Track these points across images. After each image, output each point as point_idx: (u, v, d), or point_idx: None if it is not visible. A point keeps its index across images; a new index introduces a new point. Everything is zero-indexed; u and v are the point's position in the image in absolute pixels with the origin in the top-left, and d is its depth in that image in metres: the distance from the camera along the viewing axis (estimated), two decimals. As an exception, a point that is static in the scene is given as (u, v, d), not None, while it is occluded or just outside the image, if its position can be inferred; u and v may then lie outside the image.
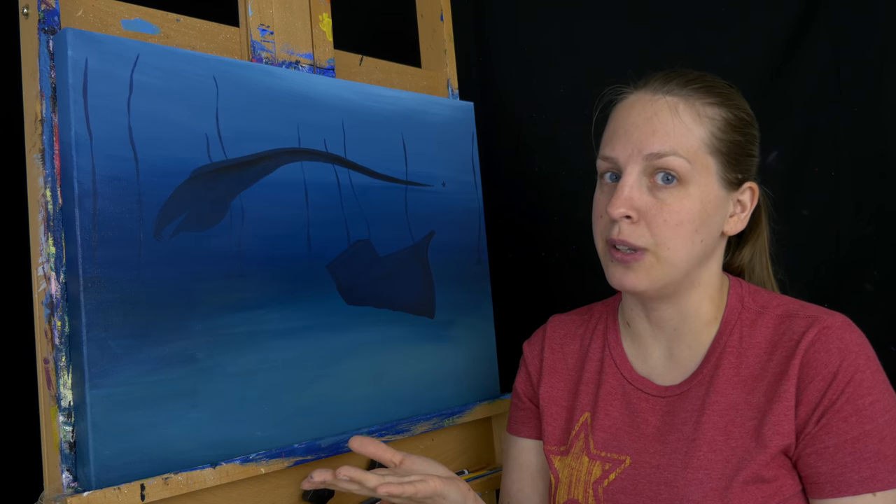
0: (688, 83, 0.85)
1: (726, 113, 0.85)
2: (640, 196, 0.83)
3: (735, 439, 0.81)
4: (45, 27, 0.87)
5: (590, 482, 0.88)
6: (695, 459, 0.82)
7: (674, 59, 1.35)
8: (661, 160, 0.82)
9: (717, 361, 0.86)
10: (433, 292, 1.22)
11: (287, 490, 1.01)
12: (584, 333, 1.00)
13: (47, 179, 0.86)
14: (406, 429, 1.13)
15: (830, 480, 0.78)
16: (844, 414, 0.78)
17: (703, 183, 0.83)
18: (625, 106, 0.87)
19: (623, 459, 0.87)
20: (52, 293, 0.86)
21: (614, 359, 0.94)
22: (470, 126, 1.32)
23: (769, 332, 0.85)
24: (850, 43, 1.25)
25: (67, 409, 0.85)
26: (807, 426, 0.79)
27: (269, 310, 1.01)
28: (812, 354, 0.80)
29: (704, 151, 0.83)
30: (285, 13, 1.10)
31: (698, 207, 0.83)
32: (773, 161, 1.30)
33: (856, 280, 1.24)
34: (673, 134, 0.83)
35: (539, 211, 1.52)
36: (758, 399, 0.82)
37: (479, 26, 1.57)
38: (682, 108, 0.84)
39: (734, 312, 0.88)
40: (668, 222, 0.82)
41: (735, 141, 0.85)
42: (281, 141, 1.04)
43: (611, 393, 0.92)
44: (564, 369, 0.99)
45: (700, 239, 0.84)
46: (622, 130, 0.86)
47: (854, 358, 0.79)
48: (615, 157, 0.85)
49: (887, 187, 1.22)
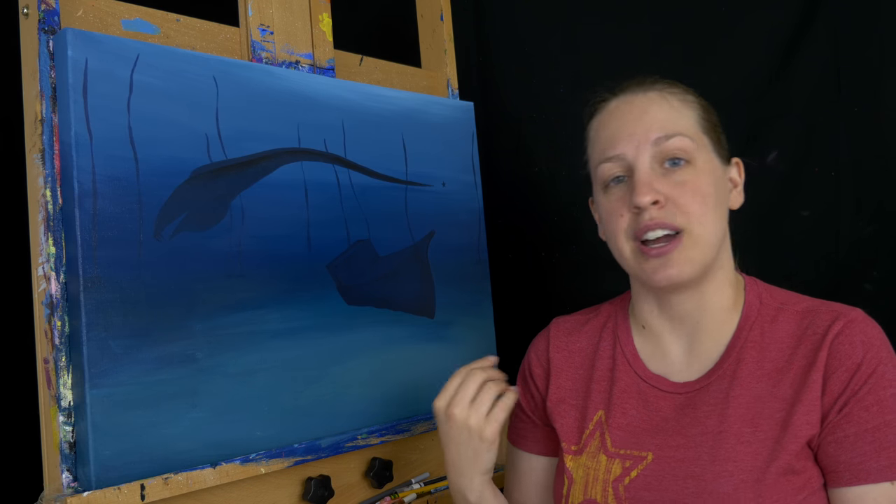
0: (657, 82, 0.89)
1: (698, 99, 0.90)
2: (660, 180, 0.84)
3: (764, 431, 0.82)
4: (45, 27, 0.87)
5: (609, 480, 0.87)
6: (722, 451, 0.82)
7: (674, 58, 1.36)
8: (670, 142, 0.84)
9: (739, 356, 0.86)
10: (433, 292, 1.22)
11: (287, 490, 1.01)
12: (592, 332, 0.99)
13: (47, 179, 0.86)
14: (406, 429, 1.13)
15: (850, 469, 0.79)
16: (866, 403, 0.79)
17: (708, 159, 0.86)
18: (612, 110, 0.90)
19: (645, 456, 0.87)
20: (52, 293, 0.86)
21: (627, 357, 0.93)
22: (470, 126, 1.32)
23: (792, 327, 0.86)
24: (850, 43, 1.24)
25: (67, 409, 0.85)
26: (829, 415, 0.80)
27: (268, 310, 1.01)
28: (837, 346, 0.82)
29: (699, 130, 0.87)
30: (285, 13, 1.10)
31: (712, 181, 0.85)
32: (773, 161, 1.30)
33: (856, 280, 1.24)
34: (671, 118, 0.86)
35: (539, 211, 1.52)
36: (784, 391, 0.83)
37: (479, 26, 1.57)
38: (669, 95, 0.88)
39: (753, 308, 0.89)
40: (695, 198, 0.84)
41: (713, 121, 0.89)
42: (281, 141, 1.04)
43: (626, 391, 0.91)
44: (572, 367, 0.98)
45: (721, 214, 0.87)
46: (620, 128, 0.87)
47: (877, 350, 0.81)
48: (623, 154, 0.86)
49: (887, 187, 1.22)
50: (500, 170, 1.53)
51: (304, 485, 1.03)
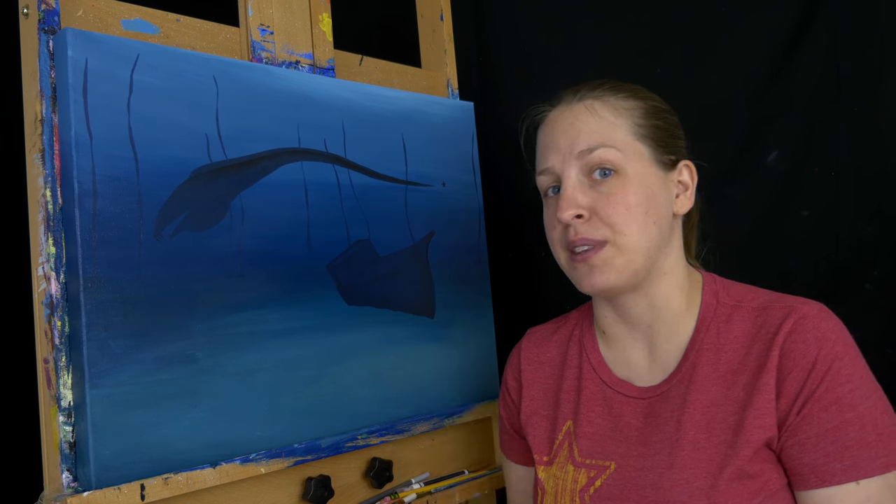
0: (596, 87, 0.89)
1: (641, 103, 0.88)
2: (584, 194, 0.85)
3: (717, 436, 0.81)
4: (45, 27, 0.87)
5: (576, 490, 0.88)
6: (679, 459, 0.82)
7: (674, 58, 1.36)
8: (593, 154, 0.85)
9: (695, 359, 0.86)
10: (433, 292, 1.22)
11: (287, 490, 1.01)
12: (560, 341, 1.00)
13: (47, 179, 0.86)
14: (406, 429, 1.13)
15: (814, 471, 0.77)
16: (824, 403, 0.77)
17: (640, 167, 0.86)
18: (547, 124, 0.91)
19: (608, 465, 0.87)
20: (52, 293, 0.86)
21: (592, 364, 0.94)
22: (470, 126, 1.32)
23: (747, 326, 0.85)
24: (850, 43, 1.24)
25: (67, 409, 0.85)
26: (788, 417, 0.79)
27: (268, 310, 1.01)
28: (790, 345, 0.80)
29: (632, 139, 0.86)
30: (285, 13, 1.10)
31: (642, 190, 0.85)
32: (772, 161, 1.30)
33: (856, 280, 1.24)
34: (597, 129, 0.86)
35: (539, 211, 1.52)
36: (737, 394, 0.82)
37: (479, 26, 1.57)
38: (599, 105, 0.87)
39: (709, 308, 0.88)
40: (618, 209, 0.84)
41: (657, 125, 0.88)
42: (281, 141, 1.04)
43: (592, 399, 0.92)
44: (542, 378, 0.99)
45: (652, 221, 0.85)
46: (550, 142, 0.89)
47: (832, 346, 0.79)
48: (551, 167, 0.89)
49: (887, 187, 1.22)
50: (500, 170, 1.53)
51: (304, 485, 1.03)
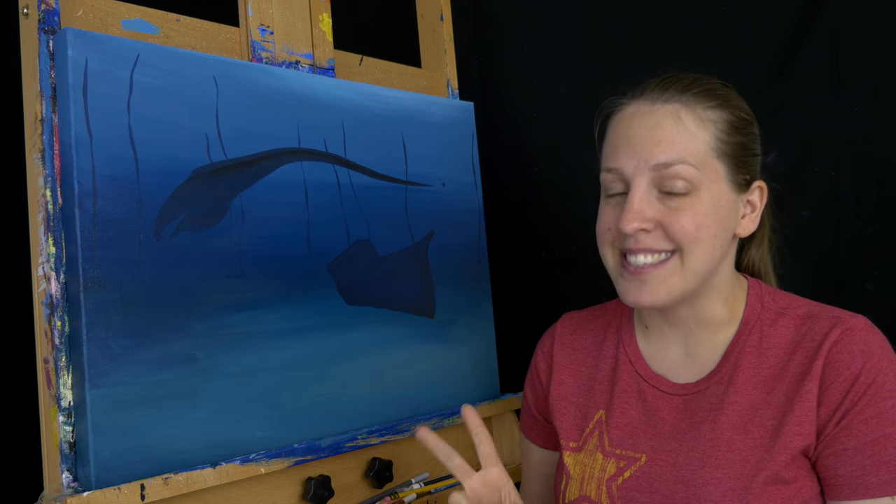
0: (686, 88, 0.83)
1: (728, 115, 0.83)
2: (651, 206, 0.81)
3: (753, 439, 0.81)
4: (45, 27, 0.87)
5: (603, 479, 0.88)
6: (713, 458, 0.82)
7: (674, 58, 1.36)
8: (670, 170, 0.80)
9: (737, 361, 0.85)
10: (433, 292, 1.22)
11: (287, 490, 1.01)
12: (597, 330, 0.99)
13: (47, 179, 0.86)
14: (406, 429, 1.13)
15: (849, 483, 0.78)
16: (865, 416, 0.77)
17: (714, 188, 0.81)
18: (624, 117, 0.85)
19: (638, 457, 0.87)
20: (52, 293, 0.86)
21: (629, 356, 0.93)
22: (470, 126, 1.32)
23: (790, 332, 0.84)
24: (850, 43, 1.24)
25: (67, 409, 0.85)
26: (827, 427, 0.79)
27: (268, 310, 1.01)
28: (835, 355, 0.79)
29: (711, 156, 0.81)
30: (285, 13, 1.10)
31: (712, 212, 0.81)
32: (772, 161, 1.30)
33: (856, 280, 1.24)
34: (678, 142, 0.80)
35: (539, 211, 1.52)
36: (778, 399, 0.81)
37: (479, 26, 1.57)
38: (685, 114, 0.81)
39: (754, 312, 0.87)
40: (686, 228, 0.80)
41: (739, 142, 0.83)
42: (281, 141, 1.04)
43: (626, 391, 0.91)
44: (575, 364, 0.98)
45: (719, 244, 0.82)
46: (624, 142, 0.83)
47: (877, 360, 0.78)
48: (620, 169, 0.83)
49: (887, 187, 1.22)
50: (500, 170, 1.53)
51: (304, 485, 1.03)
